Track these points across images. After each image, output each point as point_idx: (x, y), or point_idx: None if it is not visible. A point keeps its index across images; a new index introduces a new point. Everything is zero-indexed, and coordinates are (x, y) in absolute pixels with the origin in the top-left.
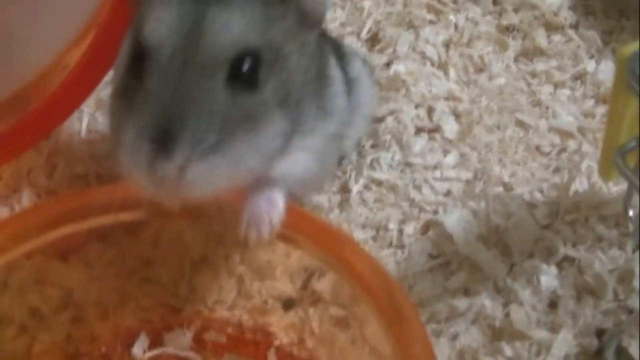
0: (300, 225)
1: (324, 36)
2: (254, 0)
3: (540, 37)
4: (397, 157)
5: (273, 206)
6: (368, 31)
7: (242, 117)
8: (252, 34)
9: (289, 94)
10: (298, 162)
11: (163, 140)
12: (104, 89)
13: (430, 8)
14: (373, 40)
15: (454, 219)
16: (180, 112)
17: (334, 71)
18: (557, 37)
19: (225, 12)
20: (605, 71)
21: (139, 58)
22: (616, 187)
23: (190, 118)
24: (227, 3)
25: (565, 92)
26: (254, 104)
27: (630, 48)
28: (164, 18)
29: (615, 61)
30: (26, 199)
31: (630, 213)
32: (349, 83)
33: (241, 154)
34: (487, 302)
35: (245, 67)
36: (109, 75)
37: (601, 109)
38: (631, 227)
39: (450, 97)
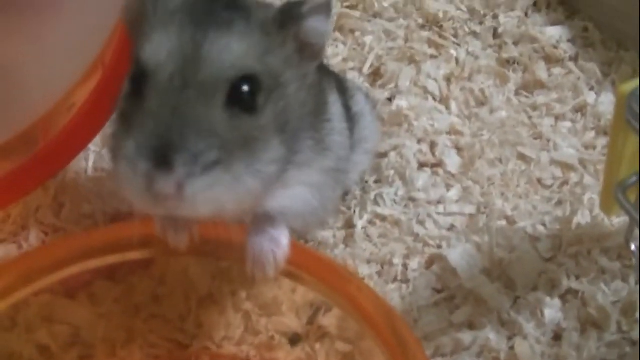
0: (305, 263)
1: (326, 71)
2: (253, 27)
3: (541, 70)
4: (401, 192)
5: (277, 245)
6: (370, 66)
7: (240, 139)
8: (250, 59)
9: (287, 122)
10: (296, 196)
11: (162, 155)
12: (111, 127)
13: (431, 42)
14: (375, 75)
15: (457, 253)
16: (180, 129)
17: (335, 108)
18: (557, 70)
19: (225, 37)
20: (606, 103)
21: (139, 80)
22: (618, 220)
23: (190, 135)
24: (226, 29)
25: (566, 125)
26: (253, 127)
27: (630, 85)
28: (164, 41)
29: (615, 98)
30: (34, 237)
31: (633, 247)
32: (352, 118)
33: (240, 174)
34: (492, 336)
35: (244, 90)
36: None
37: (602, 141)
38: (634, 261)
39: (452, 131)
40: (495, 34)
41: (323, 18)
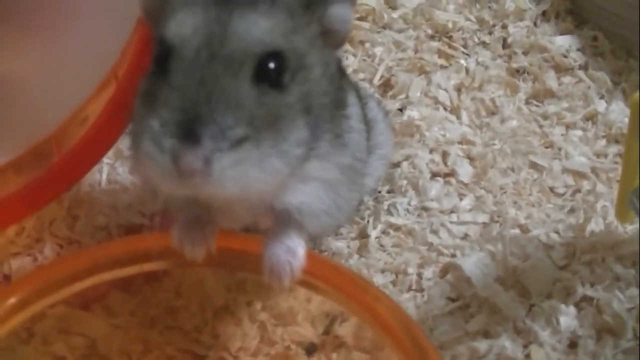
0: (322, 272)
1: (345, 74)
2: (278, 6)
3: (551, 79)
4: (414, 202)
5: (293, 255)
6: (380, 77)
7: (267, 116)
8: (277, 36)
9: (311, 105)
10: (312, 192)
11: (189, 130)
12: (123, 140)
13: (441, 53)
14: (385, 86)
15: (471, 262)
16: (207, 104)
17: (354, 108)
18: (567, 79)
19: (251, 14)
20: (616, 111)
21: (163, 59)
22: (632, 227)
23: (217, 109)
24: (252, 7)
25: (577, 133)
26: (280, 104)
27: None
28: (189, 18)
29: (629, 106)
30: (48, 249)
31: None
32: (367, 124)
33: (267, 152)
34: (507, 344)
35: (271, 66)
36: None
37: (613, 149)
38: None
39: (463, 141)
40: (505, 44)
41: (347, 5)
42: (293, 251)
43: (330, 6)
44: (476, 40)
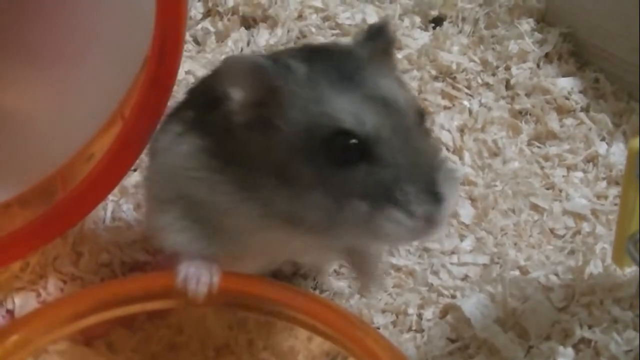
0: (321, 314)
1: None
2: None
3: (553, 121)
4: (415, 242)
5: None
6: None
7: None
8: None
9: None
10: None
11: (439, 193)
12: (128, 177)
13: (444, 94)
14: None
15: (471, 303)
16: (434, 164)
17: None
18: (568, 121)
19: (393, 81)
20: (617, 153)
21: (344, 150)
22: (630, 270)
23: (440, 165)
24: (386, 75)
25: (578, 175)
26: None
27: None
28: (363, 105)
29: (627, 153)
30: (52, 285)
31: None
32: None
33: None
34: None
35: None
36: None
37: (613, 191)
38: None
39: (466, 181)
40: (508, 86)
41: None
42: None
43: None
44: (480, 81)
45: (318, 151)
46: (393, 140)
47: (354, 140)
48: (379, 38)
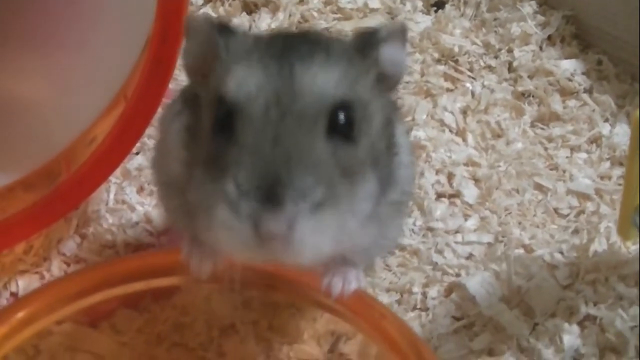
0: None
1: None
2: (337, 56)
3: (556, 103)
4: (419, 222)
5: (349, 282)
6: None
7: (342, 172)
8: (343, 86)
9: (377, 157)
10: (366, 233)
11: (270, 194)
12: (131, 160)
13: (447, 77)
14: None
15: (476, 282)
16: (285, 164)
17: (402, 139)
18: (572, 102)
19: (314, 66)
20: (620, 134)
21: (224, 118)
22: (635, 247)
23: (296, 170)
24: (310, 59)
25: (581, 156)
26: (352, 159)
27: None
28: (250, 75)
29: (631, 124)
30: (56, 267)
31: None
32: None
33: (344, 213)
34: None
35: (341, 119)
36: (136, 147)
37: (617, 171)
38: None
39: (469, 162)
40: (511, 68)
41: (399, 45)
42: (349, 280)
43: (383, 48)
44: (482, 64)
45: (213, 120)
46: (264, 115)
47: (227, 103)
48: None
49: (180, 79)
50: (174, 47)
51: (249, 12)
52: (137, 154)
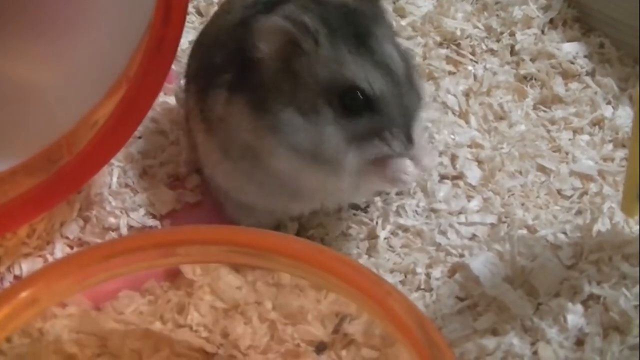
0: (334, 267)
1: None
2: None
3: (558, 85)
4: (422, 203)
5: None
6: None
7: None
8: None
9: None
10: None
11: (412, 137)
12: (134, 144)
13: (449, 60)
14: None
15: (480, 262)
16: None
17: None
18: (574, 85)
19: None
20: (623, 116)
21: (355, 99)
22: (637, 226)
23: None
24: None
25: (584, 138)
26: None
27: None
28: (372, 70)
29: (633, 100)
30: (59, 251)
31: None
32: None
33: None
34: (515, 341)
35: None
36: (139, 131)
37: (620, 153)
38: None
39: (472, 144)
40: (513, 51)
41: None
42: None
43: None
44: (484, 47)
45: (335, 99)
46: (389, 99)
47: (362, 96)
48: None
49: (182, 60)
50: (175, 29)
51: None
52: (139, 137)
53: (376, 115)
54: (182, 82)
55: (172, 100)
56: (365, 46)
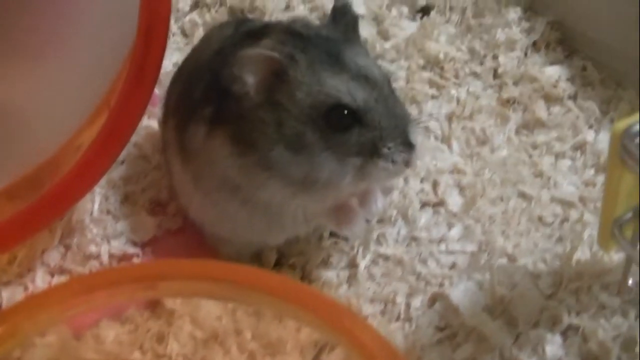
0: (309, 303)
1: None
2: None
3: (540, 109)
4: (403, 231)
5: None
6: None
7: None
8: None
9: None
10: None
11: (411, 143)
12: (116, 169)
13: (432, 83)
14: None
15: (459, 291)
16: (408, 126)
17: None
18: (556, 109)
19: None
20: (605, 141)
21: (340, 116)
22: (618, 255)
23: (411, 128)
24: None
25: (566, 163)
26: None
27: (624, 123)
28: (352, 83)
29: (611, 135)
30: (40, 279)
31: (630, 282)
32: None
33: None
34: None
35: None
36: (122, 156)
37: (601, 178)
38: (632, 296)
39: (454, 170)
40: (496, 74)
41: None
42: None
43: None
44: (467, 70)
45: (321, 121)
46: (376, 108)
47: (347, 111)
48: (344, 18)
49: (166, 83)
50: (157, 53)
51: None
52: (122, 163)
53: (366, 127)
54: (161, 112)
55: (155, 124)
56: (341, 64)
